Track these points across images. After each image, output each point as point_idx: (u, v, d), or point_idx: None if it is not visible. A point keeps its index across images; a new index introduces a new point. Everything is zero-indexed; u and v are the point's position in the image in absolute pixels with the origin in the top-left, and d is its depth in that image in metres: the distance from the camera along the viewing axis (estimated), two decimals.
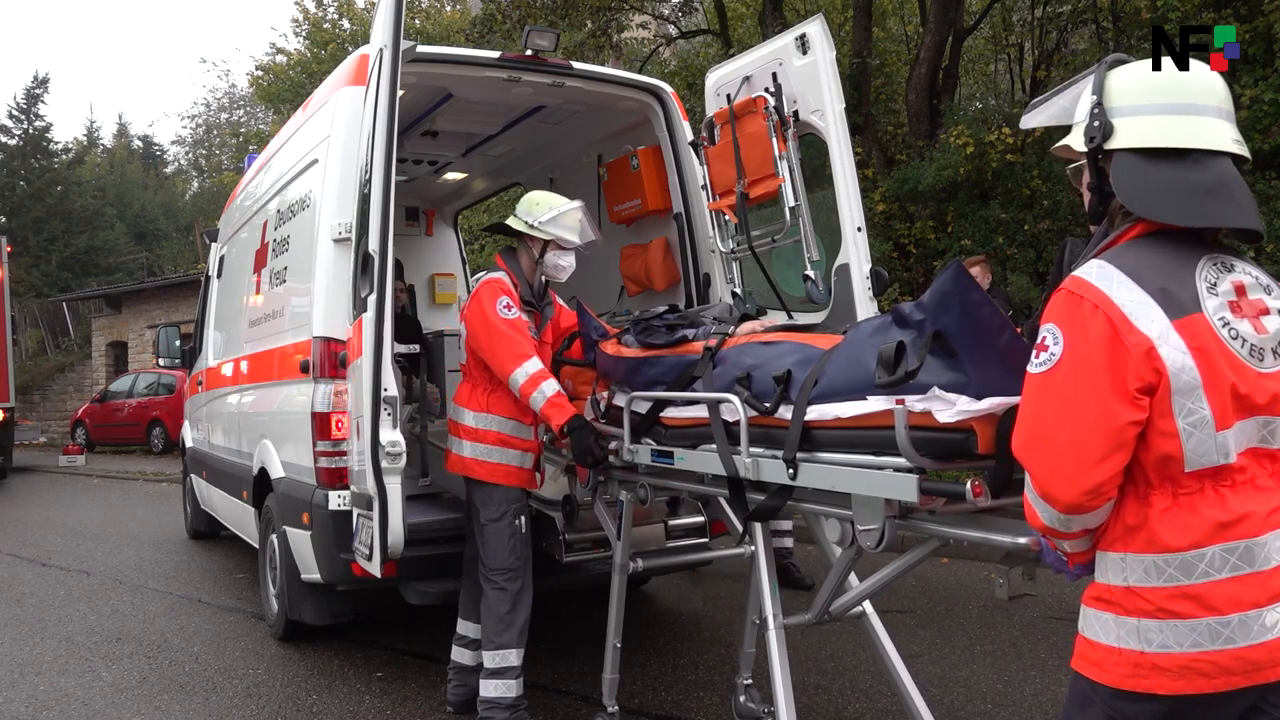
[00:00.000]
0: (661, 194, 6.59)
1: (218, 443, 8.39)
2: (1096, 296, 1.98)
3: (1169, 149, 2.03)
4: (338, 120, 5.66)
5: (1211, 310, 1.99)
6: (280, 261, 6.61)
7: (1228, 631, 1.94)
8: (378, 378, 4.40)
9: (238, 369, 7.63)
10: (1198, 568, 1.96)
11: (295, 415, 5.79)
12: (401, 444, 4.44)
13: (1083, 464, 1.98)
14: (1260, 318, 2.02)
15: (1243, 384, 1.97)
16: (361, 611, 6.12)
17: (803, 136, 5.46)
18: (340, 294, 5.24)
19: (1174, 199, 2.00)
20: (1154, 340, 1.94)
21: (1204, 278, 2.01)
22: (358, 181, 4.81)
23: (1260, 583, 1.95)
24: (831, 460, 3.06)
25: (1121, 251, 2.05)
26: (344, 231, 5.32)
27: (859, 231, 5.17)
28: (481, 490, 4.74)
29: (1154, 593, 1.99)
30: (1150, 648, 1.99)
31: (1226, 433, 1.96)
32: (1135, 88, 2.11)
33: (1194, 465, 1.97)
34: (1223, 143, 2.06)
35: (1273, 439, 2.03)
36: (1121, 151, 2.07)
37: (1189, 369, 1.94)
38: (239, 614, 7.33)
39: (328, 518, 5.34)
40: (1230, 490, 1.98)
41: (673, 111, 6.46)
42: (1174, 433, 1.96)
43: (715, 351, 3.78)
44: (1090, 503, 2.01)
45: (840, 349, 3.13)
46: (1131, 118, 2.08)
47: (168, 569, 9.22)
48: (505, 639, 4.63)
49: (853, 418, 2.94)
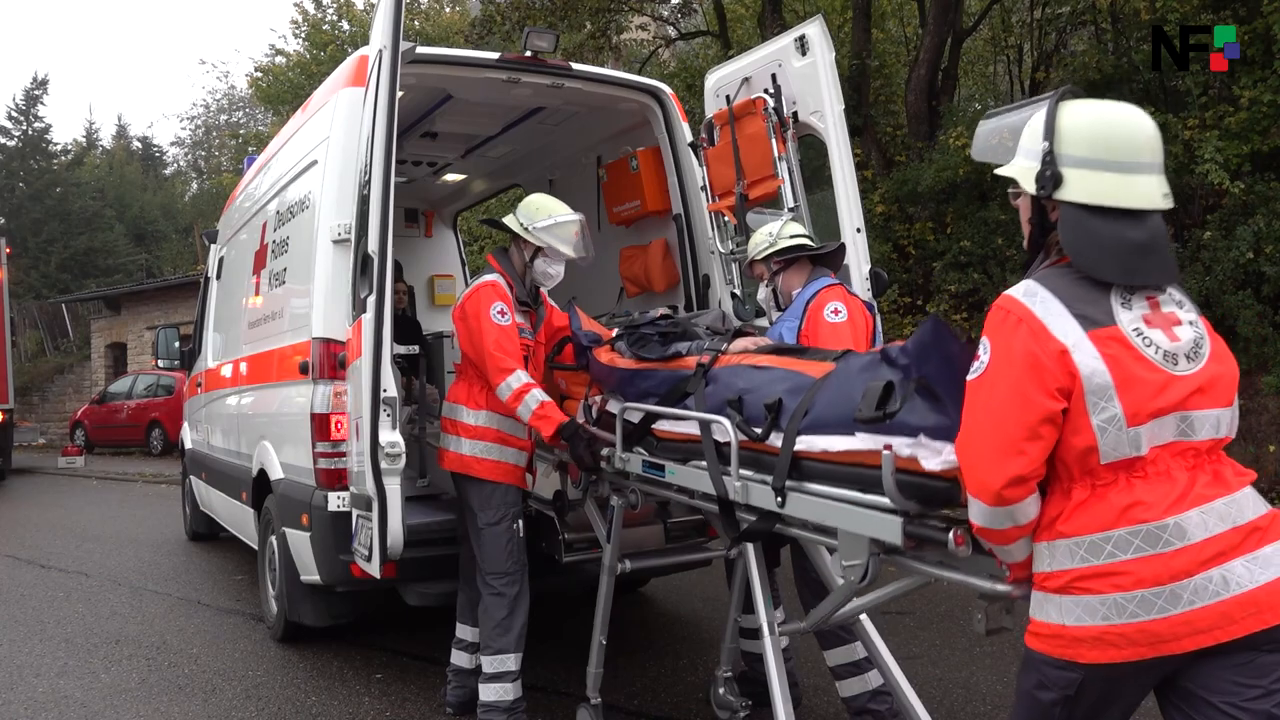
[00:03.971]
0: (661, 195, 6.59)
1: (217, 444, 8.39)
2: (1020, 310, 2.27)
3: (1117, 209, 2.27)
4: (337, 121, 5.66)
5: (1125, 323, 2.26)
6: (279, 263, 6.61)
7: (1132, 606, 2.18)
8: (377, 379, 4.40)
9: (237, 370, 7.63)
10: (1104, 549, 2.21)
11: (294, 416, 5.79)
12: (401, 445, 4.44)
13: (1004, 453, 2.24)
14: (1173, 328, 2.29)
15: (1156, 384, 2.22)
16: (361, 613, 6.11)
17: (802, 138, 5.48)
18: (340, 295, 5.25)
19: (1112, 258, 2.28)
20: (1068, 346, 2.21)
21: (1119, 298, 2.29)
22: (357, 183, 4.81)
23: (1163, 563, 2.17)
24: (819, 493, 3.11)
25: (1050, 274, 2.33)
26: (343, 233, 5.31)
27: (858, 233, 5.18)
28: (480, 492, 4.74)
29: (1069, 573, 2.25)
30: (1069, 621, 2.24)
31: (1139, 428, 2.21)
32: (1085, 139, 2.30)
33: (1109, 458, 2.22)
34: (1156, 200, 2.30)
35: (1192, 432, 2.25)
36: (1067, 203, 2.30)
37: (1100, 372, 2.20)
38: (238, 615, 7.33)
39: (327, 519, 5.33)
40: (1141, 480, 2.23)
41: (672, 113, 6.46)
42: (1090, 429, 2.21)
43: (708, 369, 3.82)
44: (1013, 493, 2.25)
45: (830, 381, 3.20)
46: (1080, 170, 2.29)
47: (167, 570, 9.22)
48: (503, 643, 4.63)
49: (840, 453, 3.01)
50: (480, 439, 4.78)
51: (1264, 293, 9.82)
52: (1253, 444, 9.98)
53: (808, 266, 4.67)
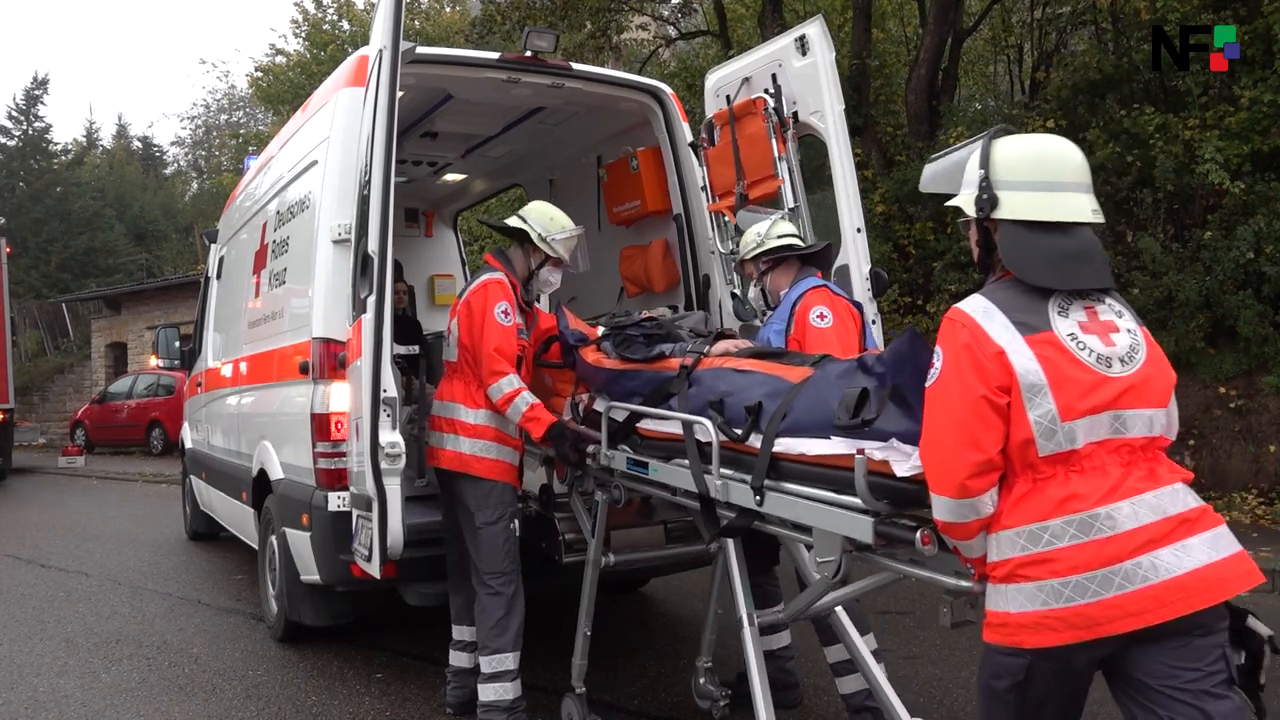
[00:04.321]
0: (661, 195, 6.59)
1: (217, 444, 8.39)
2: (965, 319, 2.53)
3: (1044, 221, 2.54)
4: (337, 121, 5.66)
5: (1061, 329, 2.48)
6: (280, 263, 6.61)
7: (1068, 591, 2.35)
8: (377, 379, 4.40)
9: (237, 370, 7.63)
10: (1042, 538, 2.40)
11: (295, 417, 5.79)
12: (401, 445, 4.44)
13: (963, 446, 2.45)
14: (1109, 334, 2.51)
15: (1089, 384, 2.43)
16: (361, 613, 6.11)
17: (802, 138, 5.47)
18: (340, 295, 5.25)
19: (1047, 266, 2.53)
20: (1004, 348, 2.45)
21: (1056, 307, 2.52)
22: (357, 183, 4.81)
23: (1095, 549, 2.35)
24: (796, 493, 3.24)
25: (996, 288, 2.60)
26: (343, 233, 5.31)
27: (858, 232, 5.18)
28: (477, 491, 4.75)
29: (1011, 562, 2.43)
30: (1013, 609, 2.43)
31: (1073, 424, 2.41)
32: (1015, 165, 2.60)
33: (1046, 450, 2.42)
34: (1084, 215, 2.55)
35: (1125, 430, 2.45)
36: (1006, 221, 2.57)
37: (1034, 372, 2.43)
38: (238, 615, 7.33)
39: (327, 519, 5.33)
40: (1078, 474, 2.42)
41: (672, 113, 6.46)
42: (1027, 423, 2.42)
43: (691, 371, 3.97)
44: (975, 484, 2.45)
45: (808, 386, 3.36)
46: (1013, 192, 2.57)
47: (167, 570, 9.22)
48: (501, 643, 4.65)
49: (816, 455, 3.16)
50: (480, 437, 4.79)
51: (1264, 292, 9.83)
52: (1253, 444, 9.98)
53: (796, 266, 4.74)
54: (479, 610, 4.73)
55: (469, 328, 4.77)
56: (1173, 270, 10.19)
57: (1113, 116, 11.34)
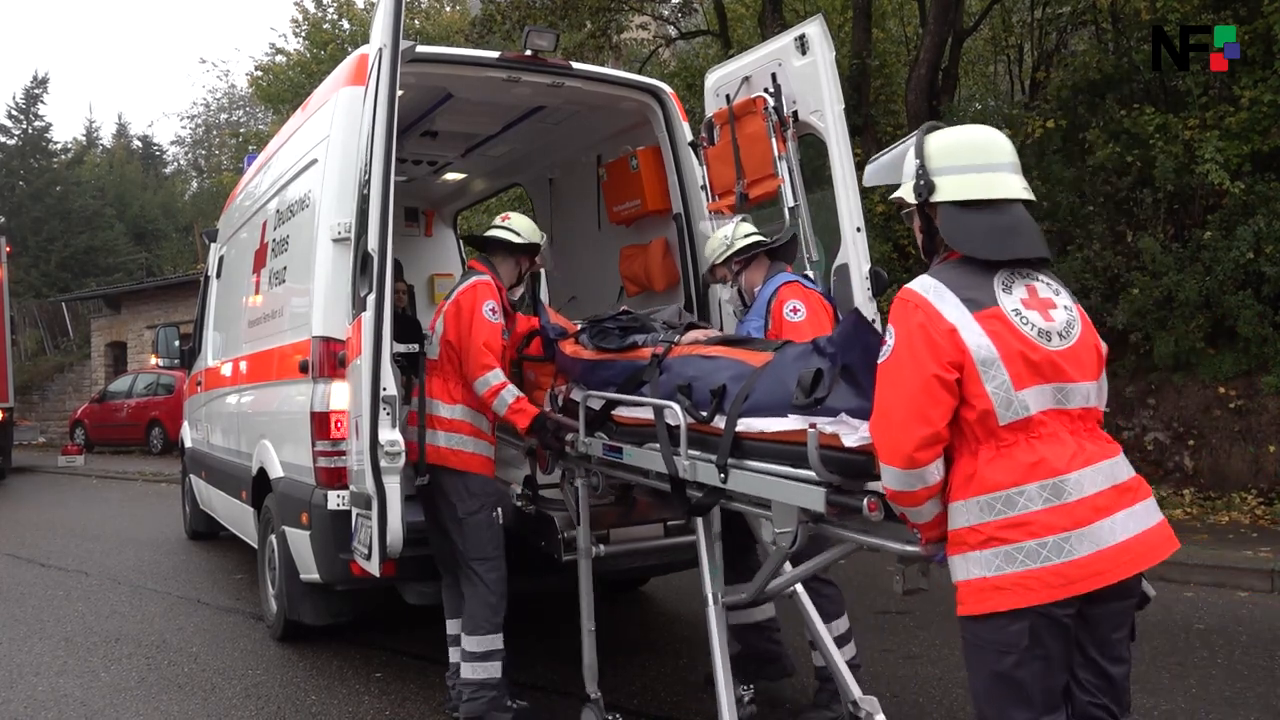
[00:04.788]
0: (661, 194, 6.59)
1: (217, 443, 8.39)
2: (916, 299, 2.68)
3: (978, 200, 2.73)
4: (337, 120, 5.66)
5: (1006, 305, 2.66)
6: (279, 261, 6.61)
7: (1045, 552, 2.53)
8: (377, 377, 4.40)
9: (237, 369, 7.63)
10: (1019, 502, 2.56)
11: (294, 415, 5.79)
12: (400, 443, 4.44)
13: (913, 420, 2.61)
14: (1049, 310, 2.69)
15: (1033, 355, 2.61)
16: (360, 611, 6.11)
17: (802, 137, 5.46)
18: (339, 294, 5.24)
19: (984, 240, 2.71)
20: (955, 325, 2.61)
21: (1000, 284, 2.70)
22: (357, 181, 4.81)
23: (1067, 512, 2.54)
24: (756, 469, 3.46)
25: (942, 269, 2.76)
26: (343, 231, 5.32)
27: (858, 232, 5.17)
28: (456, 484, 4.82)
29: (988, 526, 2.58)
30: (990, 572, 2.57)
31: (1025, 392, 2.59)
32: (947, 152, 2.80)
33: (1005, 419, 2.59)
34: (1015, 192, 2.76)
35: (1066, 401, 2.64)
36: (943, 204, 2.77)
37: (986, 346, 2.60)
38: (238, 614, 7.33)
39: (327, 517, 5.34)
40: (1039, 440, 2.59)
41: (672, 112, 6.46)
42: (985, 395, 2.59)
43: (662, 359, 4.20)
44: (923, 455, 2.62)
45: (768, 369, 3.59)
46: (947, 176, 2.77)
47: (166, 569, 9.22)
48: (492, 624, 4.76)
49: (775, 433, 3.37)
50: (456, 431, 4.87)
51: (1264, 293, 9.82)
52: (1253, 444, 9.98)
53: (765, 261, 4.99)
54: (466, 592, 4.82)
55: (456, 324, 4.86)
56: (1173, 270, 10.19)
57: (1113, 116, 11.34)
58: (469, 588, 4.82)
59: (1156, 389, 10.65)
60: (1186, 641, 6.18)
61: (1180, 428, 10.47)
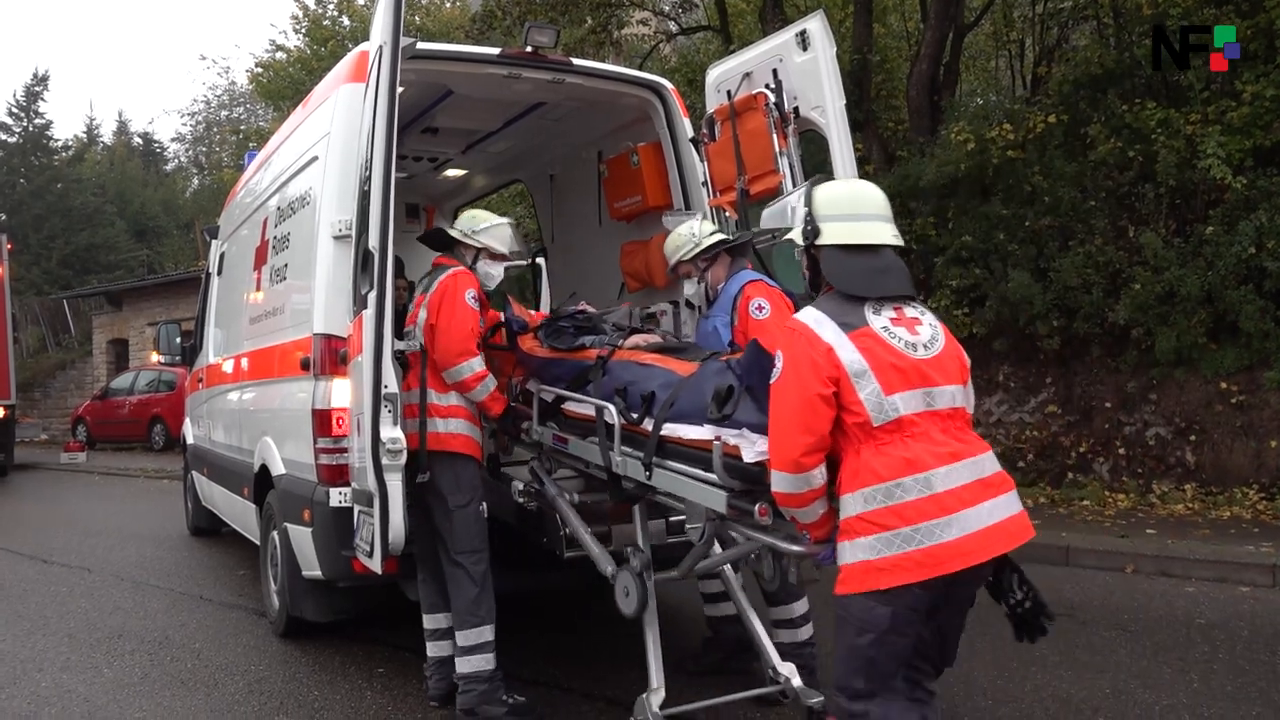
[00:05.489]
0: (662, 190, 6.60)
1: (219, 440, 8.40)
2: (800, 326, 3.16)
3: (854, 245, 3.24)
4: (338, 117, 5.67)
5: (876, 324, 3.13)
6: (280, 258, 6.62)
7: (919, 537, 2.93)
8: (378, 374, 4.42)
9: (238, 366, 7.64)
10: (896, 493, 2.98)
11: (296, 412, 5.80)
12: (402, 441, 4.47)
13: (798, 430, 3.07)
14: (915, 326, 3.17)
15: (901, 364, 3.07)
16: (363, 608, 6.12)
17: (803, 133, 5.47)
18: (341, 291, 5.25)
19: (859, 279, 3.21)
20: (832, 345, 3.07)
21: (870, 308, 3.17)
22: (358, 178, 4.82)
23: (937, 501, 2.95)
24: (675, 469, 4.01)
25: (823, 299, 3.25)
26: (344, 228, 5.32)
27: None
28: (450, 472, 4.84)
29: (871, 514, 3.00)
30: (871, 555, 2.98)
31: (894, 396, 3.03)
32: (830, 202, 3.32)
33: (878, 421, 3.02)
34: (886, 239, 3.28)
35: (934, 402, 3.08)
36: (826, 246, 3.27)
37: (858, 360, 3.05)
38: (240, 610, 7.35)
39: (329, 514, 5.35)
40: (912, 439, 3.02)
41: (673, 108, 6.47)
42: (860, 402, 3.03)
43: (606, 361, 4.64)
44: (807, 461, 3.07)
45: (691, 381, 4.09)
46: (829, 223, 3.28)
47: (169, 566, 9.24)
48: (480, 616, 4.78)
49: (691, 440, 3.92)
50: (454, 416, 4.92)
51: (1266, 288, 9.81)
52: (1254, 439, 9.98)
53: (727, 259, 5.22)
54: (454, 588, 4.85)
55: (439, 311, 4.89)
56: (1174, 265, 10.18)
57: (1114, 111, 11.32)
58: (454, 583, 4.85)
59: (1158, 384, 10.64)
60: (1188, 636, 6.19)
61: (1182, 423, 10.47)
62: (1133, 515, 9.64)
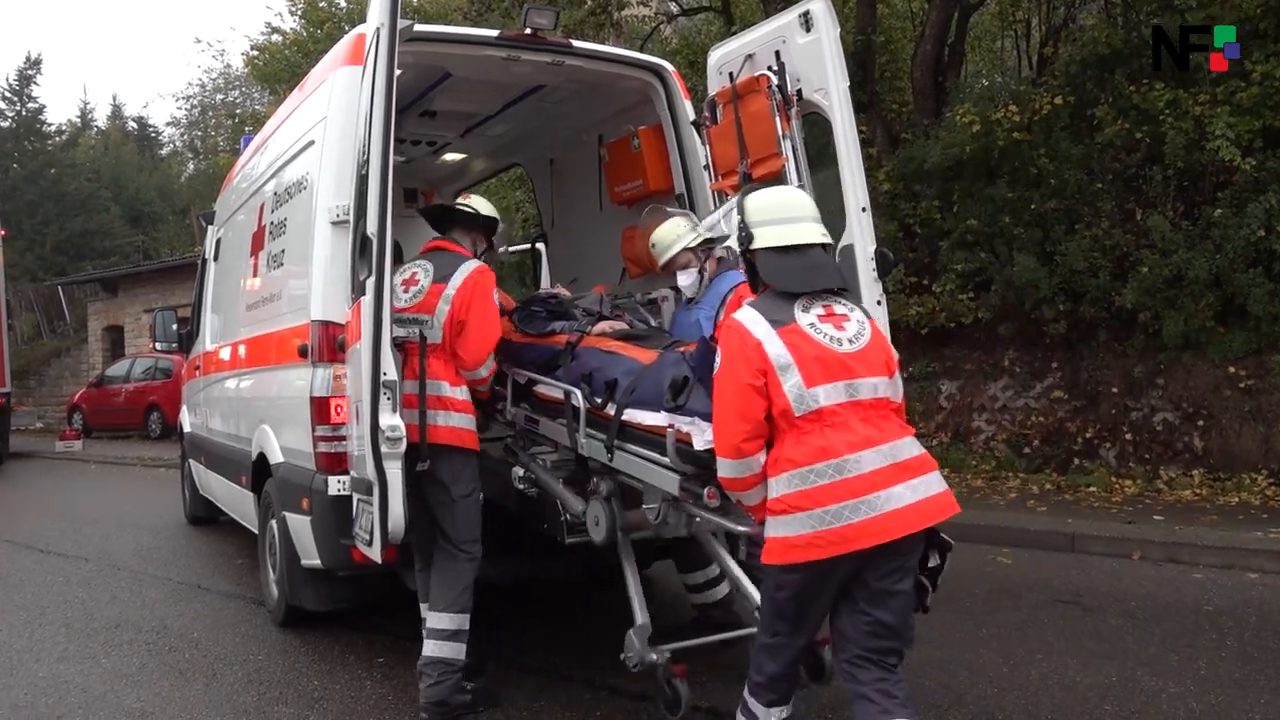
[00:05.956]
0: (663, 174, 6.58)
1: (216, 428, 8.41)
2: (736, 325, 3.50)
3: (786, 246, 3.58)
4: (335, 101, 5.64)
5: (803, 320, 3.46)
6: (277, 244, 6.61)
7: (829, 517, 3.27)
8: (377, 362, 4.41)
9: (235, 353, 7.63)
10: (810, 477, 3.31)
11: (294, 400, 5.80)
12: (401, 428, 4.47)
13: (736, 419, 3.41)
14: (842, 322, 3.50)
15: (826, 359, 3.39)
16: (362, 597, 6.13)
17: (806, 115, 5.45)
18: (338, 277, 5.24)
19: (791, 276, 3.55)
20: (760, 340, 3.41)
21: (800, 305, 3.50)
22: (355, 163, 4.80)
23: (846, 485, 3.28)
24: (634, 452, 4.35)
25: (759, 299, 3.61)
26: (342, 214, 5.31)
27: (864, 212, 5.16)
28: (454, 464, 4.83)
29: (789, 496, 3.34)
30: (788, 532, 3.33)
31: (815, 389, 3.35)
32: (760, 209, 3.66)
33: (800, 411, 3.35)
34: (814, 237, 3.62)
35: (857, 393, 3.39)
36: (760, 249, 3.60)
37: (783, 354, 3.38)
38: (239, 600, 7.36)
39: (327, 503, 5.36)
40: (830, 429, 3.34)
41: (674, 90, 6.44)
42: (783, 394, 3.35)
43: (574, 347, 4.96)
44: (747, 447, 3.41)
45: (652, 369, 4.43)
46: (761, 228, 3.62)
47: (166, 555, 9.26)
48: (464, 602, 4.79)
49: (649, 426, 4.26)
50: (465, 411, 4.91)
51: (1275, 271, 9.81)
52: (1263, 424, 9.99)
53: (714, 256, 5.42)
54: (448, 574, 4.83)
55: (470, 308, 4.89)
56: (1182, 248, 10.17)
57: (1122, 92, 11.29)
58: (449, 564, 4.82)
59: (1165, 369, 10.64)
60: (1196, 623, 6.20)
61: (1190, 408, 10.47)
62: (1140, 501, 9.65)
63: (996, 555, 8.09)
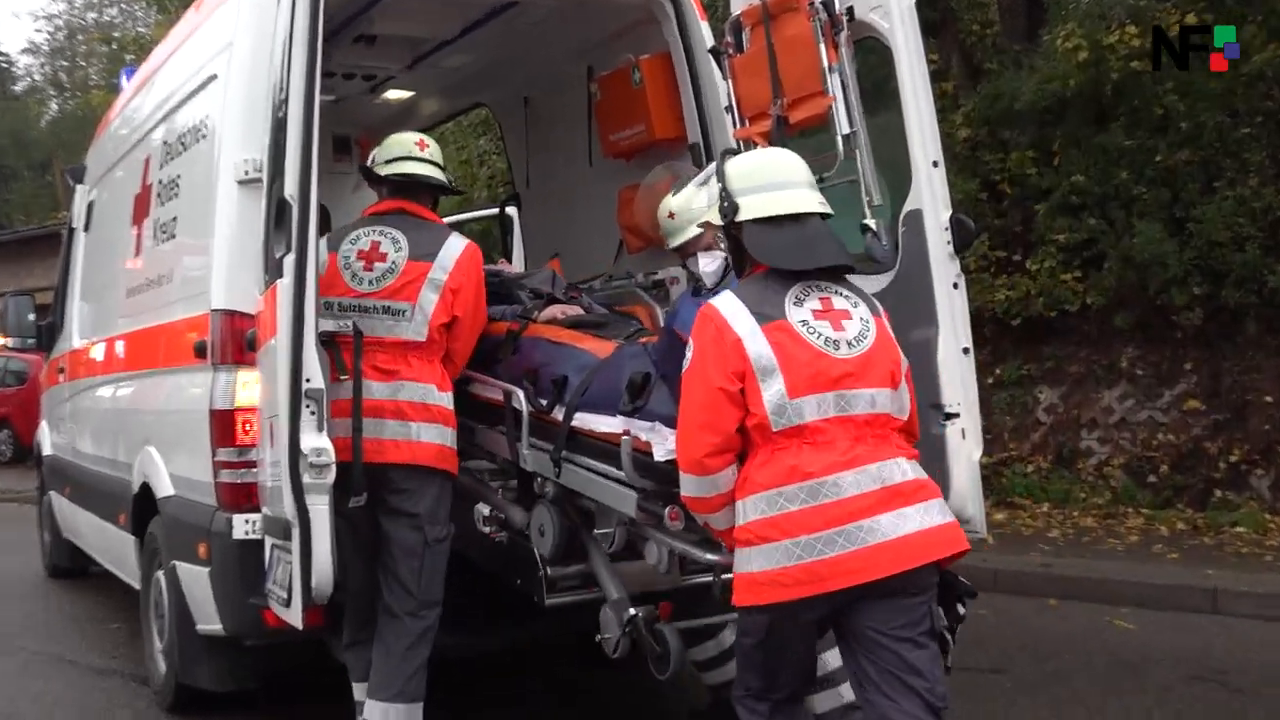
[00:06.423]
0: (672, 119, 6.59)
1: (85, 450, 8.42)
2: (713, 314, 3.65)
3: (778, 215, 3.72)
4: (242, 22, 5.66)
5: (794, 317, 3.59)
6: (168, 210, 6.62)
7: (798, 551, 3.38)
8: (297, 364, 4.42)
9: (112, 352, 7.65)
10: (779, 502, 3.44)
11: (188, 414, 5.80)
12: (330, 452, 4.46)
13: (702, 429, 3.58)
14: (841, 320, 3.62)
15: (817, 365, 3.51)
16: (276, 674, 6.12)
17: (859, 41, 5.45)
18: (248, 253, 5.25)
19: (785, 252, 3.71)
20: (742, 337, 3.54)
21: (793, 297, 3.63)
22: (270, 104, 4.82)
23: (819, 513, 3.39)
24: (585, 466, 4.53)
25: (744, 284, 3.79)
26: (252, 170, 5.32)
27: (935, 167, 5.16)
28: (433, 495, 4.87)
29: (754, 524, 3.49)
30: (751, 568, 3.48)
31: (800, 400, 3.48)
32: (745, 174, 3.84)
33: (779, 425, 3.48)
34: (811, 206, 3.77)
35: (850, 408, 3.51)
36: (747, 222, 3.75)
37: (767, 356, 3.51)
38: (114, 676, 7.36)
39: (232, 550, 5.36)
40: (810, 447, 3.47)
41: (687, 9, 6.45)
42: (761, 402, 3.48)
43: (517, 336, 5.15)
44: (712, 462, 3.57)
45: (607, 365, 4.59)
46: (746, 196, 3.77)
47: (18, 617, 9.25)
48: (414, 688, 4.79)
49: (603, 433, 4.40)
50: (451, 425, 4.97)
51: None
52: None
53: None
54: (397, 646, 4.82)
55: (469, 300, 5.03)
56: None
57: (1276, 7, 11.29)
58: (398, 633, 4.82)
59: None
60: None
61: None
62: None
63: (1114, 618, 8.07)
